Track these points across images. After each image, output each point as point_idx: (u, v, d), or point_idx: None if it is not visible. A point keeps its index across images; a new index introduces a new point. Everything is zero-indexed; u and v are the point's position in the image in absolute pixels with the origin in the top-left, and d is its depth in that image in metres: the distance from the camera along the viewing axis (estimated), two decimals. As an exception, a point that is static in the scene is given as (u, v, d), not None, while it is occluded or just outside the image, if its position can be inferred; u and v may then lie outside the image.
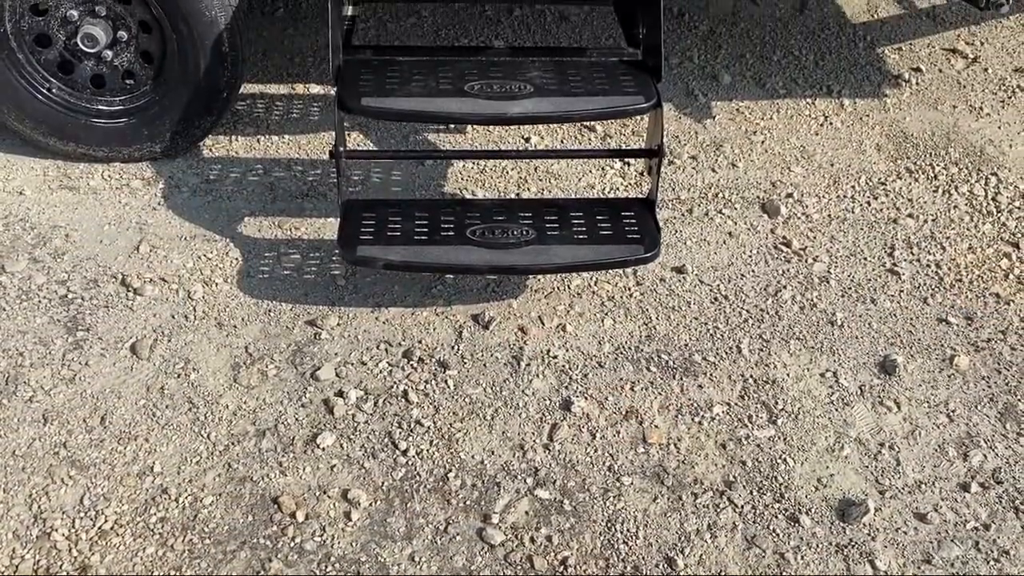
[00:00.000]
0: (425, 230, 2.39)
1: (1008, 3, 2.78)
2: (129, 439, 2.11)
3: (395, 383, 2.27)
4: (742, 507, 2.03)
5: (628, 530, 1.97)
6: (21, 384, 2.22)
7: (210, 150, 2.96)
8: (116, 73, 2.75)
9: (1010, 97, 3.39)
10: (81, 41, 2.65)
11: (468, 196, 2.85)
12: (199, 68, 2.67)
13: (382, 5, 3.70)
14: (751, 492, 2.06)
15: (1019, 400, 2.29)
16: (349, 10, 2.93)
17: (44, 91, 2.73)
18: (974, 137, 3.18)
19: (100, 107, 2.77)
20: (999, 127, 3.23)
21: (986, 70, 3.52)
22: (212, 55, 2.65)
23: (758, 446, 2.16)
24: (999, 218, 2.85)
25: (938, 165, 3.05)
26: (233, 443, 2.12)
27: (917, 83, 3.43)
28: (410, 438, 2.14)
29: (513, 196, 2.86)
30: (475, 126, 3.05)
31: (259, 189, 2.84)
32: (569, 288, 2.54)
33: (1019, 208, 2.88)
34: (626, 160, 2.99)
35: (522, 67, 2.53)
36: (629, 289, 2.56)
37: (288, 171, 2.92)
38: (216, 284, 2.51)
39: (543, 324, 2.44)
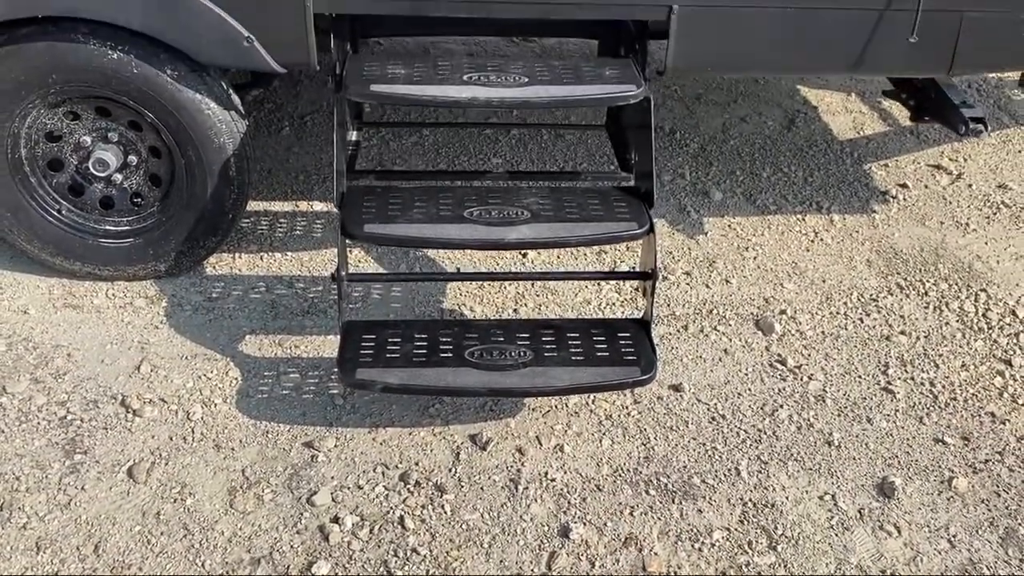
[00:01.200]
0: (424, 351, 2.42)
1: (987, 130, 2.89)
2: (122, 568, 2.08)
3: (391, 508, 2.25)
4: (744, 640, 1.99)
5: (628, 666, 1.93)
6: (16, 510, 2.20)
7: (213, 267, 3.02)
8: (125, 195, 2.83)
9: (995, 213, 3.48)
10: (93, 166, 2.74)
11: (466, 312, 2.89)
12: (206, 191, 2.75)
13: (383, 115, 3.83)
14: (753, 624, 2.02)
15: (1020, 524, 2.28)
16: (353, 135, 3.04)
17: (54, 213, 2.81)
18: (962, 253, 3.25)
19: (107, 227, 2.84)
20: (986, 243, 3.31)
21: (970, 186, 3.63)
22: (219, 179, 2.73)
23: (759, 574, 2.14)
24: (990, 335, 2.89)
25: (928, 281, 3.11)
26: (228, 572, 2.09)
27: (904, 199, 3.53)
28: (406, 567, 2.12)
29: (511, 311, 2.90)
30: (474, 244, 3.11)
31: (261, 307, 2.88)
32: (567, 406, 2.55)
33: (1010, 324, 2.93)
34: (620, 255, 3.04)
35: (519, 193, 2.61)
36: (627, 408, 2.57)
37: (290, 288, 2.97)
38: (215, 404, 2.53)
39: (541, 444, 2.44)
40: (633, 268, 3.10)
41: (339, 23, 2.70)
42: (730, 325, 2.89)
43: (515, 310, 2.92)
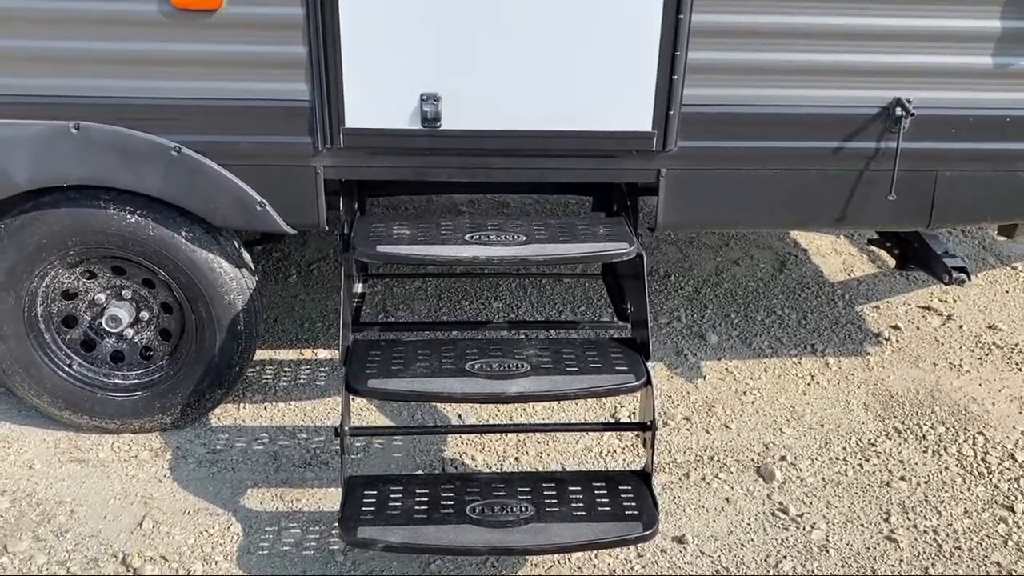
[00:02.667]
0: (425, 507, 2.43)
1: (969, 278, 2.99)
2: None
3: (393, 673, 2.21)
4: None
5: None
6: None
7: (218, 419, 3.06)
8: (135, 349, 2.91)
9: (987, 354, 3.54)
10: (106, 322, 2.82)
11: (468, 460, 2.91)
12: (214, 345, 2.82)
13: (389, 268, 3.96)
14: None
15: None
16: (359, 287, 3.15)
17: (65, 368, 2.87)
18: (957, 395, 3.29)
19: (116, 381, 2.90)
20: (980, 384, 3.36)
21: (961, 327, 3.71)
22: (227, 333, 2.81)
23: None
24: (991, 480, 2.89)
25: (925, 425, 3.14)
26: None
27: (897, 341, 3.60)
28: None
29: (512, 460, 2.92)
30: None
31: (263, 459, 2.90)
32: (570, 561, 2.53)
33: (1009, 469, 2.94)
34: (620, 403, 3.08)
35: (519, 344, 2.68)
36: (630, 562, 2.55)
37: (292, 439, 3.00)
38: (216, 562, 2.51)
39: (544, 602, 2.42)
40: (633, 414, 3.13)
41: (348, 186, 2.85)
42: (731, 472, 2.90)
43: (517, 458, 2.94)
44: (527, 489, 2.50)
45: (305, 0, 2.45)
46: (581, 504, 2.44)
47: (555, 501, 2.45)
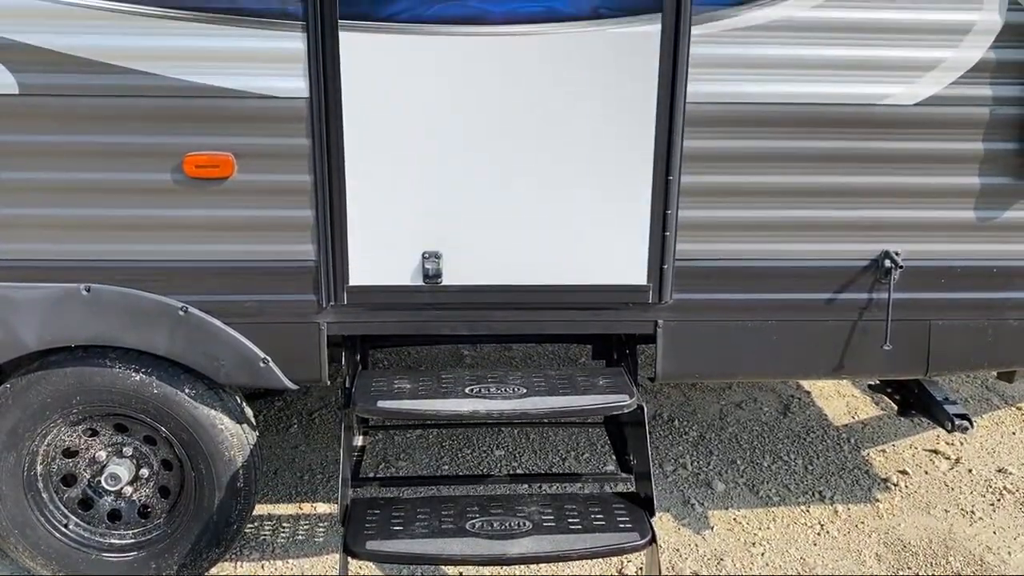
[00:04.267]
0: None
1: (972, 426, 2.98)
2: None
3: None
4: None
5: None
6: None
7: (214, 579, 2.99)
8: (133, 507, 2.87)
9: (999, 500, 3.47)
10: (105, 480, 2.80)
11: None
12: (213, 503, 2.79)
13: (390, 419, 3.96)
14: None
15: None
16: (360, 440, 3.14)
17: (61, 528, 2.83)
18: (972, 544, 3.21)
19: (113, 541, 2.85)
20: (994, 532, 3.28)
21: (970, 471, 3.65)
22: (227, 491, 2.79)
23: None
24: (1014, 637, 2.78)
25: (941, 577, 3.05)
26: None
27: (906, 486, 3.54)
28: None
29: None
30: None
31: (259, 622, 2.82)
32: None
33: (1032, 625, 2.83)
34: (627, 557, 3.00)
35: (521, 500, 2.65)
36: None
37: (290, 600, 2.92)
38: None
39: None
40: (640, 568, 3.05)
41: (350, 340, 2.90)
42: (743, 632, 2.80)
43: (520, 618, 2.85)
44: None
45: (313, 167, 2.57)
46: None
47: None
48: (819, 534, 3.27)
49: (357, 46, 2.48)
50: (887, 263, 2.72)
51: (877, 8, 2.54)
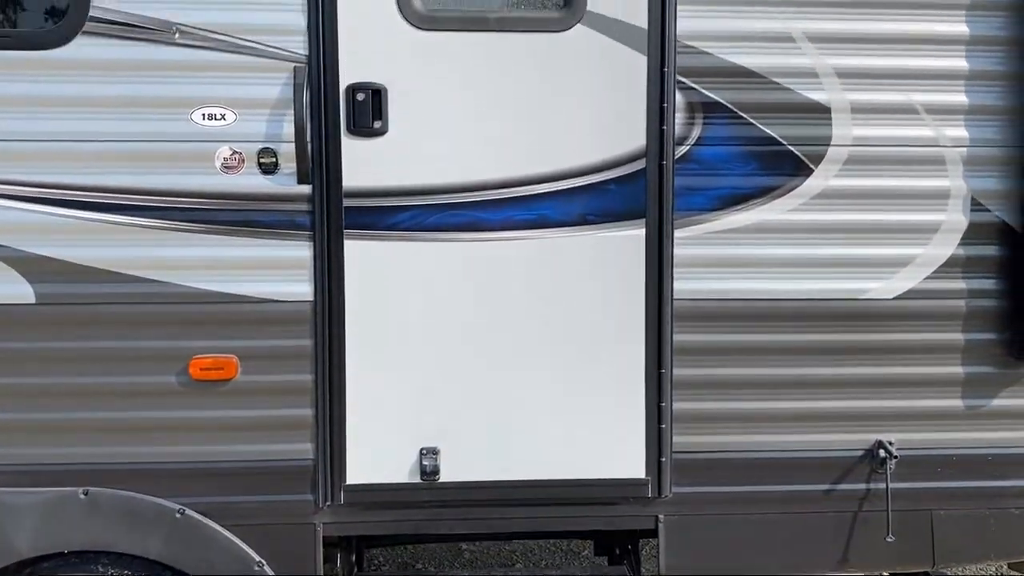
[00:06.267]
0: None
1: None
2: None
3: None
4: None
5: None
6: None
7: None
8: None
9: None
10: None
11: None
12: None
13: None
14: None
15: None
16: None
17: None
18: None
19: None
20: None
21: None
22: None
23: None
24: None
25: None
26: None
27: None
28: None
29: None
30: None
31: None
32: None
33: None
34: None
35: None
36: None
37: None
38: None
39: None
40: None
41: (346, 540, 2.85)
42: None
43: None
44: None
45: (315, 366, 2.63)
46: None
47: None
48: None
49: (360, 252, 2.62)
50: (881, 452, 2.74)
51: (848, 211, 2.71)
